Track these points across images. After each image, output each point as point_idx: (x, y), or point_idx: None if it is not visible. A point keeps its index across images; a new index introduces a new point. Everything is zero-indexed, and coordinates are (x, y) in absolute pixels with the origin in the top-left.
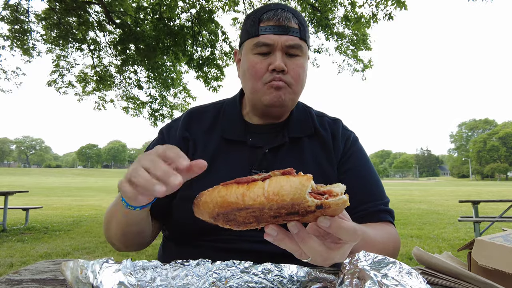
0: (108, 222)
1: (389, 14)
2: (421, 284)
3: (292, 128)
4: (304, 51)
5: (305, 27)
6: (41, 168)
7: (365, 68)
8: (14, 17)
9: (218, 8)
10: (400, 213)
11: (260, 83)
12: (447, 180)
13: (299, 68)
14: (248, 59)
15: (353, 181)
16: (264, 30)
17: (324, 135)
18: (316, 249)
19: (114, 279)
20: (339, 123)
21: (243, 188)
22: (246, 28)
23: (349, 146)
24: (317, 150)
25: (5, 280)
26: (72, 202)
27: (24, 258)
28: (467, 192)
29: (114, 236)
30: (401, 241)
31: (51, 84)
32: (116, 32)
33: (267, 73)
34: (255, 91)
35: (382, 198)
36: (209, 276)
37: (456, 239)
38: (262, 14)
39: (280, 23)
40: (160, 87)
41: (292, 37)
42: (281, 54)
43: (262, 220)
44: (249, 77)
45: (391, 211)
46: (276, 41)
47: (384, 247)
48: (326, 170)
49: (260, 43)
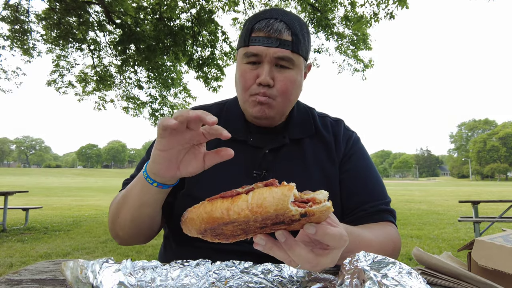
0: (117, 208)
1: (390, 13)
2: (421, 284)
3: (292, 129)
4: (296, 64)
5: (300, 38)
6: (41, 168)
7: (366, 67)
8: (14, 17)
9: (218, 8)
10: (400, 213)
11: (247, 94)
12: (447, 180)
13: (288, 81)
14: (239, 67)
15: (354, 181)
16: (254, 40)
17: (325, 136)
18: (304, 256)
19: (114, 279)
20: (341, 124)
21: (227, 203)
22: (241, 35)
23: (350, 146)
24: (319, 150)
25: (5, 280)
26: (72, 202)
27: (24, 258)
28: (467, 193)
29: (123, 224)
30: (401, 241)
31: (51, 84)
32: (116, 32)
33: (254, 85)
34: (243, 101)
35: (383, 198)
36: (209, 276)
37: (456, 239)
38: (255, 23)
39: (270, 35)
40: (160, 87)
41: (282, 50)
42: (269, 67)
43: (250, 231)
44: (239, 87)
45: (393, 211)
46: (265, 53)
47: (381, 247)
48: (327, 170)
49: (249, 54)
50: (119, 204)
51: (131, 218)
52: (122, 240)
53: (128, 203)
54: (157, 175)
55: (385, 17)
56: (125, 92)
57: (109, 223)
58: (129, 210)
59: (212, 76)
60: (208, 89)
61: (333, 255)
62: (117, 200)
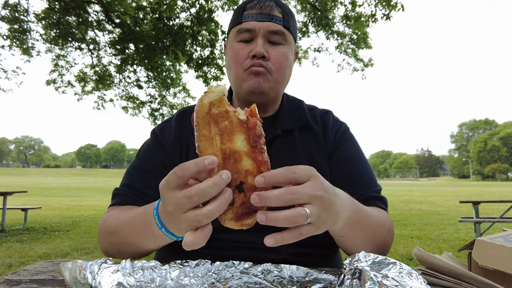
0: (119, 231)
1: (386, 15)
2: (421, 284)
3: (283, 120)
4: (288, 40)
5: (290, 16)
6: (40, 168)
7: (366, 66)
8: (13, 17)
9: (218, 7)
10: (401, 213)
11: (241, 69)
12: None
13: (281, 56)
14: (231, 47)
15: (343, 170)
16: (247, 17)
17: (315, 127)
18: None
19: (112, 279)
20: (330, 115)
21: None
22: (233, 17)
23: (339, 136)
24: (308, 142)
25: (4, 280)
26: (71, 202)
27: (23, 258)
28: (467, 193)
29: (116, 244)
30: (401, 242)
31: (50, 83)
32: (115, 31)
33: (248, 59)
34: (237, 78)
35: (373, 186)
36: (208, 277)
37: (456, 239)
38: (246, 4)
39: (262, 11)
40: (160, 87)
41: (275, 24)
42: (262, 41)
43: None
44: (232, 64)
45: (383, 197)
46: (258, 27)
47: (381, 224)
48: (317, 161)
49: (242, 30)
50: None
51: (131, 243)
52: (109, 254)
53: (134, 237)
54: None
55: (382, 18)
56: (124, 91)
57: (101, 236)
58: (133, 240)
59: (211, 76)
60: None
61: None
62: (121, 224)
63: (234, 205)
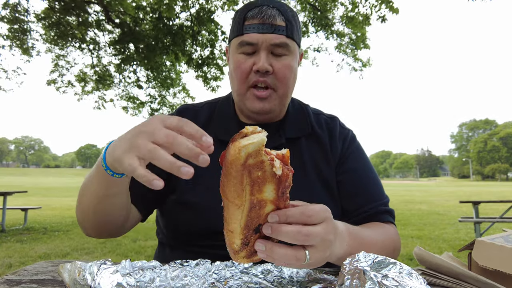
0: (81, 195)
1: (382, 17)
2: (421, 285)
3: (289, 128)
4: (292, 50)
5: (294, 23)
6: (40, 168)
7: (364, 66)
8: (13, 17)
9: (218, 7)
10: (401, 213)
11: (244, 86)
12: (448, 180)
13: (286, 69)
14: (234, 58)
15: (352, 182)
16: (248, 28)
17: (321, 135)
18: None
19: (112, 280)
20: (336, 121)
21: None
22: (233, 25)
23: (347, 146)
24: (315, 151)
25: (4, 280)
26: (71, 203)
27: (23, 258)
28: (467, 193)
29: (86, 215)
30: (401, 242)
31: (51, 83)
32: (115, 31)
33: (252, 73)
34: (240, 94)
35: (381, 199)
36: (208, 277)
37: (456, 239)
38: (247, 12)
39: (264, 21)
40: (160, 87)
41: (278, 36)
42: (265, 54)
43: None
44: (235, 78)
45: (391, 211)
46: (261, 40)
47: (383, 247)
48: (323, 170)
49: (244, 43)
50: (81, 193)
51: (94, 211)
52: (88, 233)
53: (89, 193)
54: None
55: (378, 20)
56: (125, 91)
57: (76, 213)
58: (91, 202)
59: (211, 76)
60: (207, 88)
61: (316, 251)
62: (81, 188)
63: (248, 245)
